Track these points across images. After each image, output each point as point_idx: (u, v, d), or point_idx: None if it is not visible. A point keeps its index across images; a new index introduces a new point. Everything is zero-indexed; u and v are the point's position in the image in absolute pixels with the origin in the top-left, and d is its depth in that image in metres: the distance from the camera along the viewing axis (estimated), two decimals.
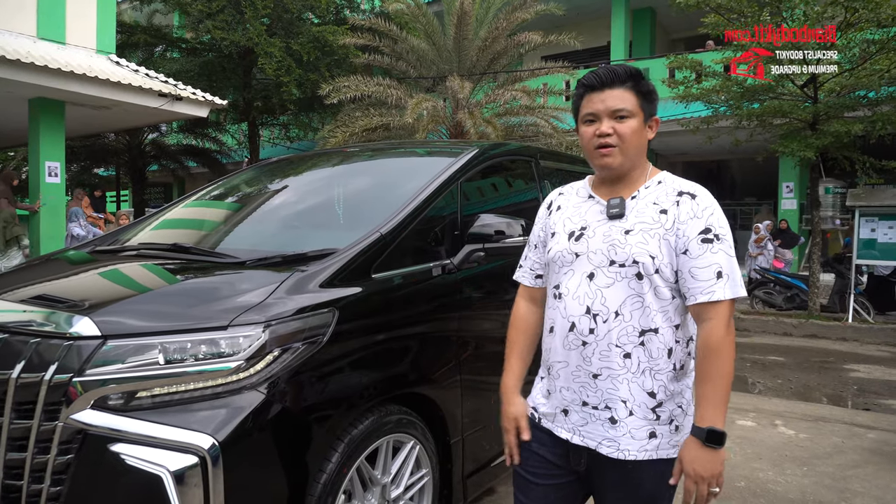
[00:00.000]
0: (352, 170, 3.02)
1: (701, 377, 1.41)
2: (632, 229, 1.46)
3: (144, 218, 3.09)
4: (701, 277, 1.40)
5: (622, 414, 1.45)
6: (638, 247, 1.43)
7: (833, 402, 5.28)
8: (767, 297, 9.89)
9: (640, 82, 1.49)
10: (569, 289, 1.51)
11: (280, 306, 1.78)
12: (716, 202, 1.47)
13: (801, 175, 13.19)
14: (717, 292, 1.39)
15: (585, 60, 15.42)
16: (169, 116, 11.12)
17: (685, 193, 1.47)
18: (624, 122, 1.47)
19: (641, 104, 1.48)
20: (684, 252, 1.42)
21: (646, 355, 1.44)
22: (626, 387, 1.44)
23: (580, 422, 1.51)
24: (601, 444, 1.47)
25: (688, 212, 1.44)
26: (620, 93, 1.47)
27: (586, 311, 1.47)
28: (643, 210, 1.48)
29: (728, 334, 1.40)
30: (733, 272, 1.41)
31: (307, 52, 12.75)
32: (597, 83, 1.49)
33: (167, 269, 2.15)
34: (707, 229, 1.42)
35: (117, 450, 1.57)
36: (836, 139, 7.71)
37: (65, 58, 8.92)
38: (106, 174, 19.79)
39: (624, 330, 1.44)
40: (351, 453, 1.90)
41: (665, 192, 1.49)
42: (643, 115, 1.48)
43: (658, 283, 1.43)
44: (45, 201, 9.35)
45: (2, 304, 1.94)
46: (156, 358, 1.65)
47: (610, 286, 1.45)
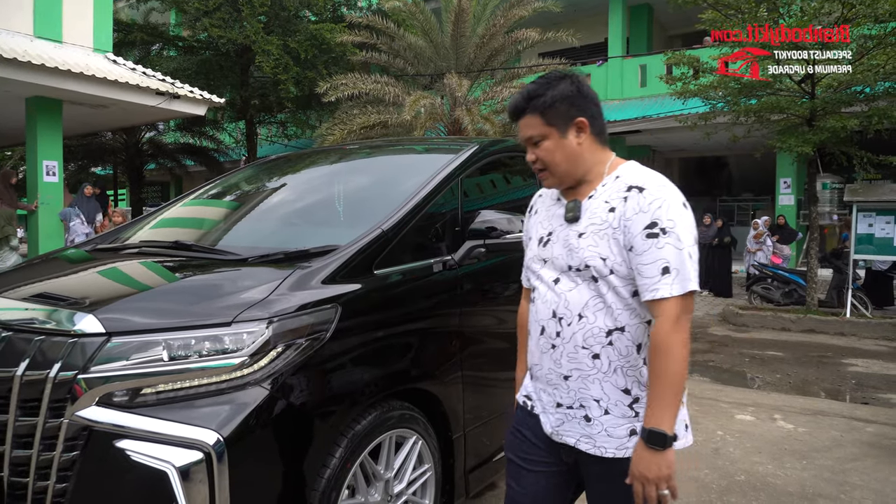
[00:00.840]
0: (352, 167, 3.03)
1: (650, 376, 1.38)
2: (584, 232, 1.45)
3: (145, 216, 3.09)
4: (646, 274, 1.36)
5: (596, 413, 1.45)
6: (589, 250, 1.42)
7: (832, 396, 5.31)
8: (765, 293, 9.92)
9: (538, 101, 1.45)
10: (540, 293, 1.53)
11: (283, 302, 1.79)
12: (670, 194, 1.40)
13: (798, 171, 13.23)
14: (662, 289, 1.34)
15: (583, 57, 15.43)
16: (166, 115, 11.10)
17: (634, 188, 1.42)
18: (540, 147, 1.47)
19: (549, 120, 1.45)
20: (630, 249, 1.39)
21: (616, 354, 1.43)
22: (597, 386, 1.44)
23: (556, 423, 1.52)
24: (579, 440, 1.48)
25: (634, 207, 1.39)
26: (527, 120, 1.48)
27: (552, 314, 1.48)
28: (595, 210, 1.46)
29: (675, 332, 1.34)
30: (682, 267, 1.35)
31: (304, 50, 12.74)
32: (511, 118, 1.52)
33: (169, 266, 2.16)
34: (653, 223, 1.37)
35: (123, 446, 1.58)
36: (833, 134, 7.72)
37: (62, 56, 8.90)
38: (103, 173, 19.78)
39: (590, 331, 1.43)
40: (354, 449, 1.91)
41: (617, 188, 1.45)
42: (557, 129, 1.45)
43: (615, 283, 1.41)
44: (43, 200, 9.34)
45: (5, 301, 1.95)
46: (160, 354, 1.66)
47: (572, 290, 1.46)
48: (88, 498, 1.61)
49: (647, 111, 13.64)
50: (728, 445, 3.87)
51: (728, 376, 5.96)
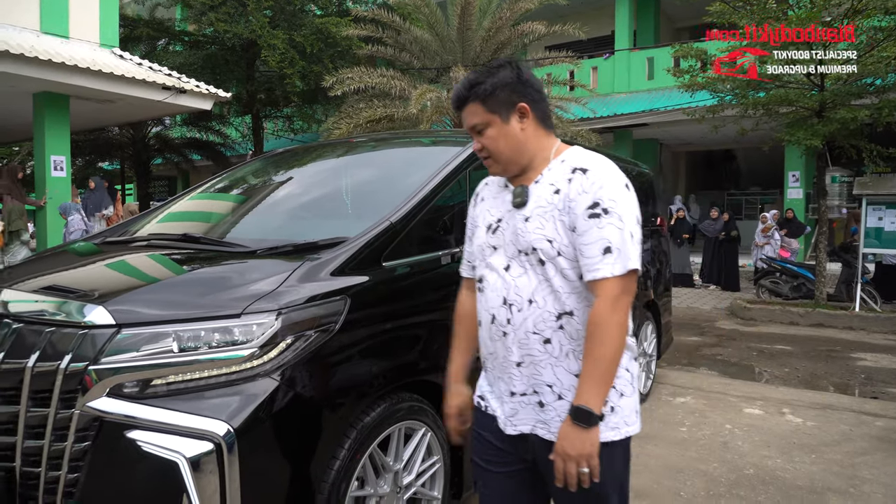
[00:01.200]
0: (359, 160, 3.02)
1: (584, 354, 1.38)
2: (530, 215, 1.45)
3: (152, 210, 3.10)
4: (587, 254, 1.37)
5: (550, 398, 1.45)
6: (536, 233, 1.43)
7: (840, 390, 5.27)
8: (774, 287, 9.86)
9: (478, 89, 1.46)
10: (489, 282, 1.52)
11: (292, 294, 1.79)
12: (612, 175, 1.41)
13: (807, 164, 13.12)
14: (602, 269, 1.35)
15: (590, 50, 15.32)
16: (173, 109, 11.13)
17: (578, 169, 1.43)
18: (483, 135, 1.48)
19: (491, 108, 1.45)
20: (573, 229, 1.40)
21: (567, 338, 1.43)
22: (550, 371, 1.44)
23: (510, 412, 1.51)
24: (535, 426, 1.48)
25: (577, 188, 1.40)
26: (470, 109, 1.48)
27: (503, 301, 1.47)
28: (541, 194, 1.46)
29: (613, 312, 1.34)
30: (624, 246, 1.36)
31: (310, 44, 12.72)
32: (455, 108, 1.52)
33: (178, 258, 2.16)
34: (595, 203, 1.37)
35: (133, 437, 1.59)
36: (843, 126, 7.65)
37: (69, 52, 8.92)
38: (111, 168, 19.84)
39: (540, 316, 1.43)
40: (363, 440, 1.92)
41: (562, 171, 1.46)
42: (500, 116, 1.46)
43: (563, 265, 1.41)
44: (51, 195, 9.38)
45: (16, 294, 1.96)
46: (170, 346, 1.66)
47: (521, 275, 1.45)
48: (100, 488, 1.62)
49: (655, 104, 13.56)
50: (736, 439, 3.85)
51: (736, 370, 5.93)
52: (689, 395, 4.85)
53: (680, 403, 4.62)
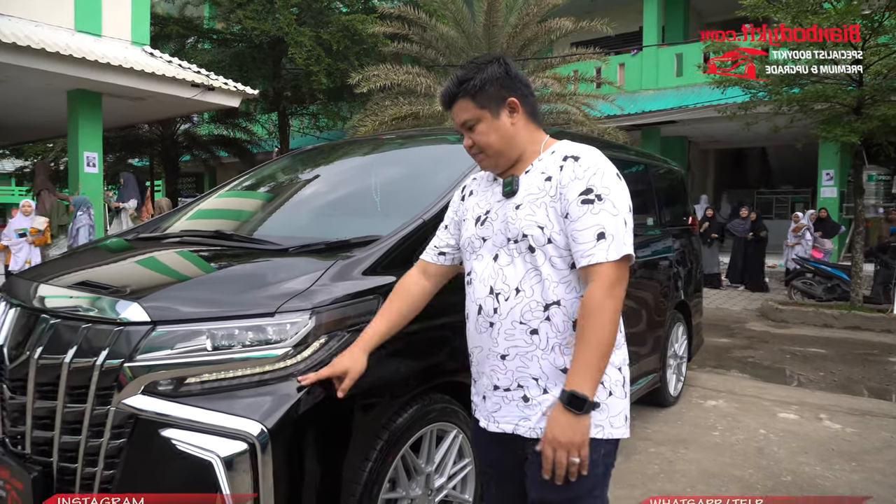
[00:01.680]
0: (388, 157, 2.99)
1: (577, 339, 1.36)
2: (521, 203, 1.45)
3: (184, 206, 3.11)
4: (581, 240, 1.37)
5: (535, 392, 1.43)
6: (526, 219, 1.42)
7: (879, 395, 5.11)
8: (807, 288, 9.62)
9: (468, 85, 1.47)
10: (477, 273, 1.52)
11: (326, 293, 1.77)
12: (605, 163, 1.42)
13: (841, 162, 12.77)
14: (597, 254, 1.35)
15: (617, 46, 15.11)
16: (201, 107, 11.26)
17: (569, 157, 1.44)
18: (474, 131, 1.49)
19: (481, 103, 1.47)
20: (566, 216, 1.39)
21: (553, 330, 1.41)
22: (536, 364, 1.42)
23: (493, 407, 1.50)
24: (518, 424, 1.45)
25: (569, 174, 1.41)
26: (459, 105, 1.49)
27: (490, 291, 1.47)
28: (532, 182, 1.47)
29: (608, 298, 1.33)
30: (618, 232, 1.36)
31: (337, 42, 12.76)
32: (444, 105, 1.54)
33: (211, 255, 2.16)
34: (588, 189, 1.38)
35: (168, 435, 1.58)
36: (884, 123, 7.41)
37: (101, 50, 9.07)
38: (140, 164, 20.20)
39: (527, 306, 1.42)
40: (396, 442, 1.89)
41: (553, 159, 1.47)
42: (490, 111, 1.47)
43: (552, 253, 1.41)
44: (84, 191, 9.56)
45: (52, 289, 1.97)
46: (204, 344, 1.65)
47: (509, 264, 1.45)
48: (135, 484, 1.61)
49: (683, 101, 13.32)
50: (772, 445, 3.75)
51: (769, 373, 5.79)
52: (720, 398, 4.74)
53: (712, 407, 4.52)
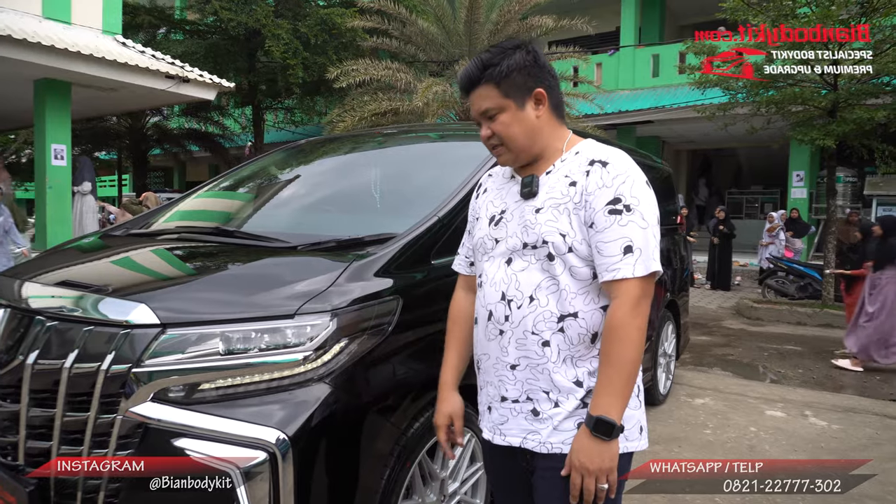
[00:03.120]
0: (392, 153, 2.91)
1: (602, 359, 1.29)
2: (542, 207, 1.35)
3: (175, 201, 2.98)
4: (606, 253, 1.28)
5: (546, 406, 1.35)
6: (547, 225, 1.33)
7: (858, 392, 5.22)
8: (780, 287, 9.83)
9: (494, 70, 1.36)
10: (488, 276, 1.42)
11: (346, 293, 1.69)
12: (635, 170, 1.33)
13: (811, 163, 13.08)
14: (623, 269, 1.26)
15: (595, 46, 15.21)
16: (176, 99, 10.96)
17: (597, 162, 1.34)
18: (496, 121, 1.38)
19: (506, 91, 1.36)
20: (591, 225, 1.30)
21: (566, 342, 1.33)
22: (547, 376, 1.34)
23: (499, 419, 1.41)
24: (526, 438, 1.37)
25: (597, 181, 1.31)
26: (481, 91, 1.37)
27: (502, 297, 1.38)
28: (554, 185, 1.37)
29: (635, 316, 1.26)
30: (646, 246, 1.27)
31: (314, 35, 12.56)
32: (464, 91, 1.41)
33: (216, 253, 2.06)
34: (616, 199, 1.29)
35: (182, 445, 1.48)
36: (858, 126, 7.59)
37: (71, 38, 8.73)
38: (107, 157, 19.62)
39: (541, 315, 1.33)
40: (414, 447, 1.83)
41: (578, 162, 1.37)
42: (514, 101, 1.37)
43: (573, 262, 1.32)
44: (51, 184, 9.22)
45: (48, 289, 1.85)
46: (219, 348, 1.56)
47: (524, 270, 1.36)
48: (143, 499, 1.51)
49: (659, 101, 13.48)
50: (763, 442, 3.79)
51: (750, 371, 5.88)
52: (707, 396, 4.79)
53: (700, 405, 4.56)
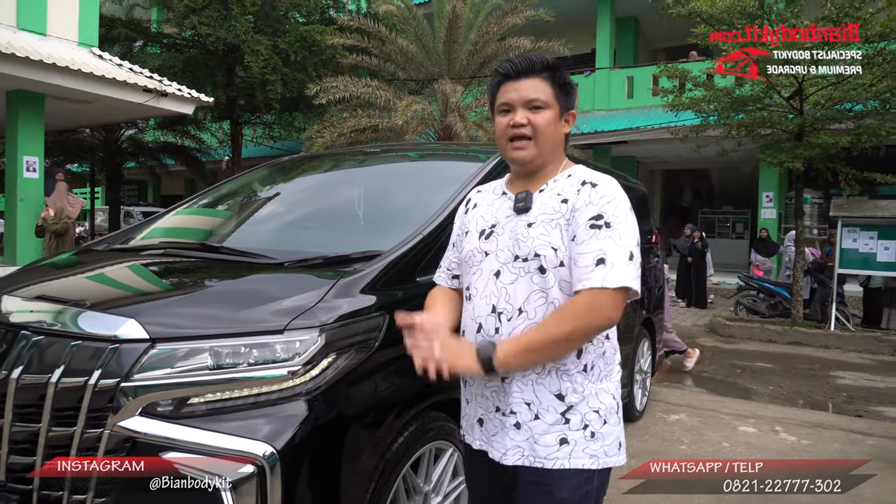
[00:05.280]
0: (378, 171, 2.95)
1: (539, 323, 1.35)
2: (534, 222, 1.41)
3: (155, 217, 2.97)
4: (581, 263, 1.32)
5: (526, 417, 1.38)
6: (539, 239, 1.38)
7: (825, 408, 5.37)
8: (752, 305, 10.05)
9: (557, 73, 1.44)
10: (477, 289, 1.45)
11: (334, 309, 1.72)
12: (621, 194, 1.39)
13: (780, 185, 13.47)
14: (593, 279, 1.29)
15: (570, 67, 15.48)
16: (153, 112, 10.88)
17: (587, 183, 1.41)
18: (539, 113, 1.42)
19: (557, 95, 1.43)
20: (573, 239, 1.36)
21: None
22: (530, 388, 1.38)
23: (492, 430, 1.44)
24: (506, 453, 1.40)
25: (585, 199, 1.38)
26: (536, 82, 1.42)
27: (492, 310, 1.41)
28: (546, 202, 1.43)
29: (588, 314, 1.29)
30: (619, 261, 1.30)
31: (294, 52, 12.61)
32: (512, 72, 1.44)
33: (203, 268, 2.07)
34: (598, 216, 1.34)
35: (169, 458, 1.49)
36: (824, 150, 7.88)
37: (46, 49, 8.66)
38: (79, 170, 19.27)
39: (529, 328, 1.37)
40: (398, 461, 1.85)
41: (571, 183, 1.44)
42: (559, 108, 1.44)
43: (564, 276, 1.36)
44: (23, 197, 9.05)
45: (32, 304, 1.84)
46: (208, 363, 1.58)
47: (514, 282, 1.39)
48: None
49: (634, 122, 13.79)
50: (737, 457, 3.87)
51: (723, 387, 6.00)
52: (682, 412, 4.87)
53: (675, 421, 4.64)
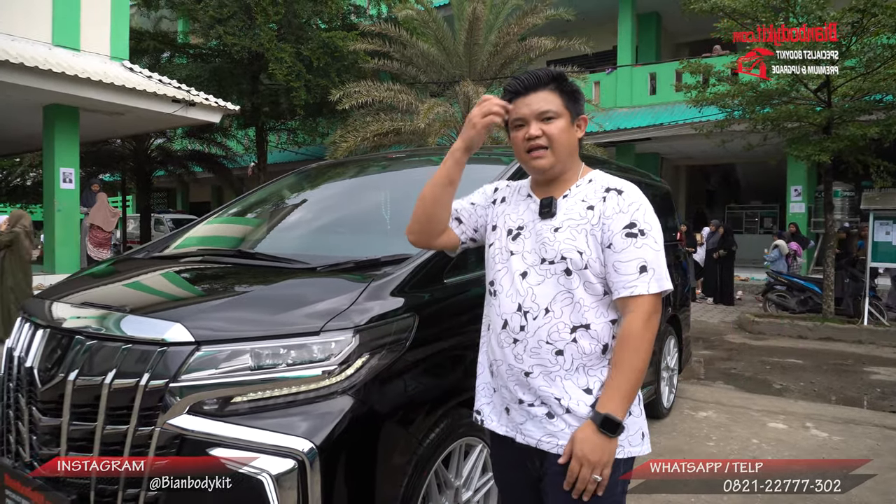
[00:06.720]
0: (404, 176, 3.03)
1: (613, 365, 1.42)
2: (560, 226, 1.49)
3: (190, 225, 3.10)
4: (623, 272, 1.42)
5: (558, 410, 1.46)
6: (566, 243, 1.46)
7: (858, 404, 5.29)
8: (781, 301, 9.91)
9: (564, 83, 1.53)
10: (503, 286, 1.53)
11: (366, 311, 1.80)
12: (644, 199, 1.48)
13: (809, 178, 13.24)
14: (639, 286, 1.40)
15: (592, 65, 15.47)
16: (181, 122, 11.16)
17: (612, 189, 1.49)
18: (551, 123, 1.50)
19: (567, 104, 1.52)
20: (609, 246, 1.44)
21: (579, 352, 1.45)
22: (559, 384, 1.45)
23: (520, 419, 1.52)
24: (541, 440, 1.48)
25: (613, 207, 1.46)
26: (545, 95, 1.51)
27: (518, 308, 1.49)
28: (572, 207, 1.50)
29: (646, 329, 1.40)
30: (658, 267, 1.42)
31: (317, 58, 12.80)
32: (521, 88, 1.53)
33: (242, 274, 2.17)
34: (632, 224, 1.43)
35: (216, 454, 1.59)
36: (852, 143, 7.75)
37: (80, 64, 8.95)
38: (111, 179, 19.81)
39: (555, 327, 1.45)
40: (430, 456, 1.92)
41: (594, 189, 1.51)
42: (570, 115, 1.52)
43: (589, 278, 1.44)
44: (60, 207, 9.37)
45: (84, 310, 1.96)
46: (249, 363, 1.67)
47: (540, 283, 1.47)
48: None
49: (658, 119, 13.68)
50: (765, 454, 3.86)
51: (752, 384, 5.95)
52: (710, 409, 4.86)
53: (703, 418, 4.63)
